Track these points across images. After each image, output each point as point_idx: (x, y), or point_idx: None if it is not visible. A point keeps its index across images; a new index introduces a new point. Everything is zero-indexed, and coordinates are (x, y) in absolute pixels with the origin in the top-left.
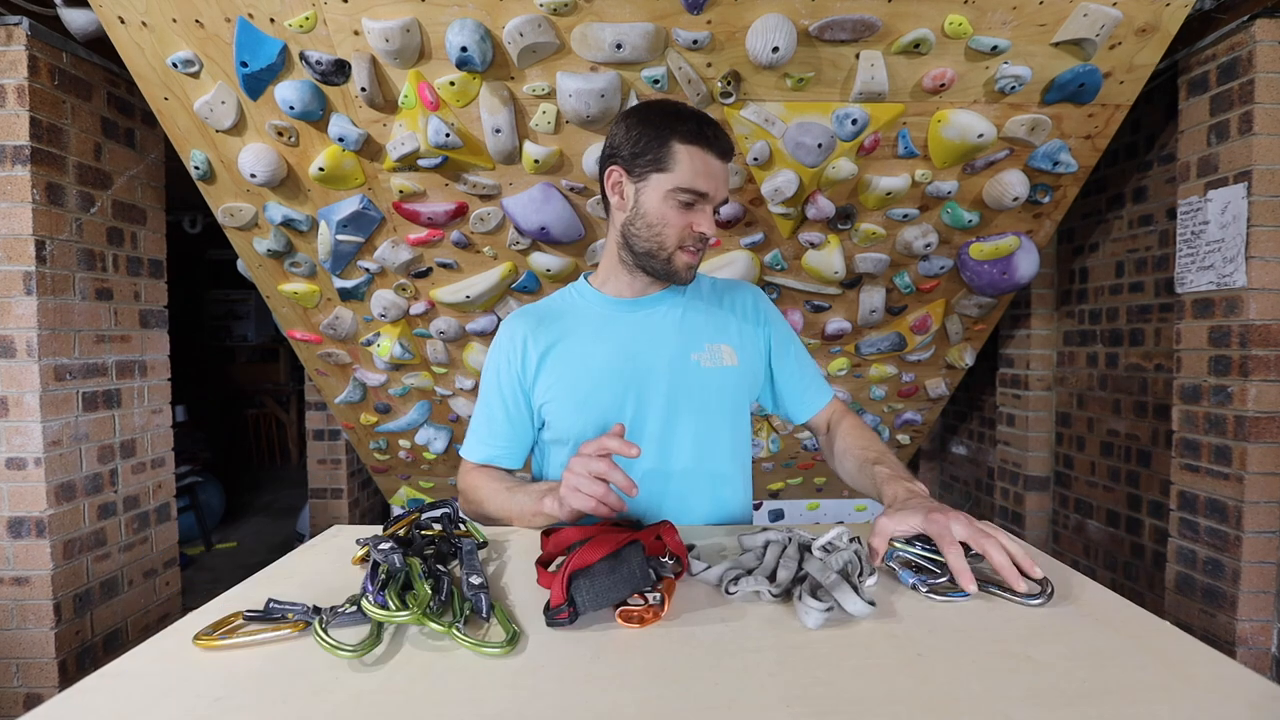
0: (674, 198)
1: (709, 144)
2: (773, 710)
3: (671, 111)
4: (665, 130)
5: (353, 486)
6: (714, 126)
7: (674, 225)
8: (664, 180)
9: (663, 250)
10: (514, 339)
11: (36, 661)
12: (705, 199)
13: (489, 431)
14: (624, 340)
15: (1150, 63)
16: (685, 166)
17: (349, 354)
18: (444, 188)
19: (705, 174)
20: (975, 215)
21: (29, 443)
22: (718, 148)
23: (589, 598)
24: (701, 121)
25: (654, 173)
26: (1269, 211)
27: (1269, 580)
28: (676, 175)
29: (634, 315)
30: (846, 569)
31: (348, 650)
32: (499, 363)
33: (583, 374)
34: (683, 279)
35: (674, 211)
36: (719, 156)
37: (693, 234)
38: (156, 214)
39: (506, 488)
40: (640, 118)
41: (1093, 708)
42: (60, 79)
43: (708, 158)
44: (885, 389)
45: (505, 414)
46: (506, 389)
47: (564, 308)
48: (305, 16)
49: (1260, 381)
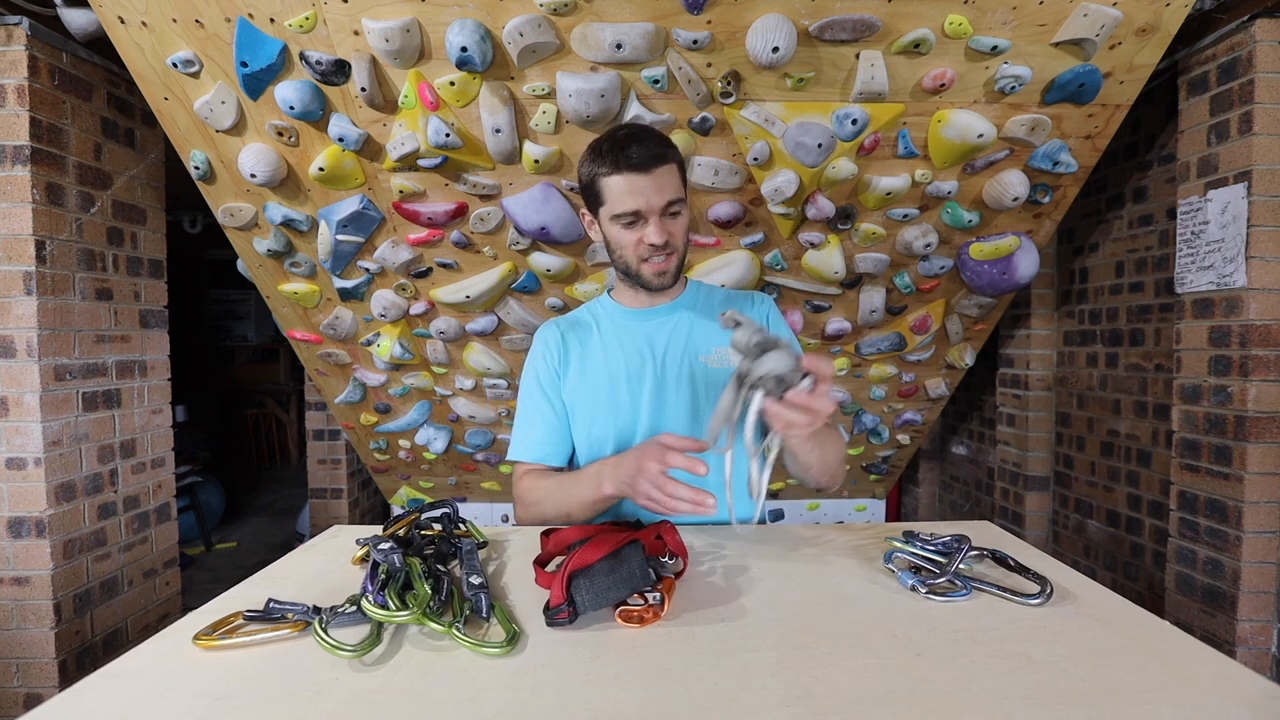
0: (617, 223)
1: (627, 166)
2: (773, 710)
3: (596, 148)
4: (594, 168)
5: (353, 486)
6: (633, 145)
7: (627, 245)
8: (605, 211)
9: (630, 267)
10: (549, 343)
11: (36, 661)
12: (640, 215)
13: (537, 430)
14: (639, 344)
15: (1150, 63)
16: (614, 194)
17: (349, 354)
18: (444, 188)
19: (631, 193)
20: (975, 215)
21: (29, 443)
22: (638, 165)
23: (589, 598)
24: (620, 146)
25: (599, 207)
26: (1269, 211)
27: (1269, 580)
28: (610, 204)
29: (647, 324)
30: None
31: (348, 650)
32: (538, 367)
33: (604, 375)
34: (655, 285)
35: (622, 232)
36: (642, 172)
37: (644, 246)
38: (156, 214)
39: (558, 485)
40: (581, 162)
41: (1093, 708)
42: (60, 79)
43: (631, 178)
44: (885, 389)
45: (552, 411)
46: (549, 389)
47: (589, 319)
48: (305, 16)
49: (1260, 381)
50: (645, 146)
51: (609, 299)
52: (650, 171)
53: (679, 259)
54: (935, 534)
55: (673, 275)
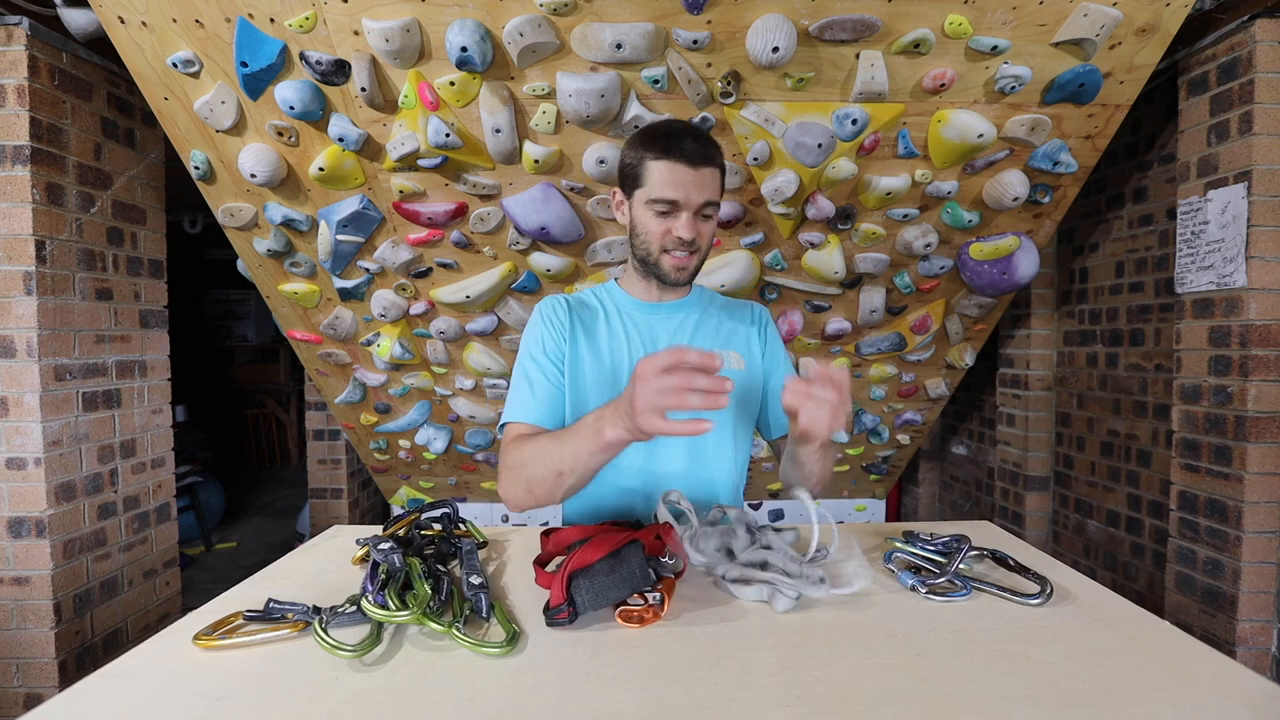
0: (651, 208)
1: (678, 156)
2: (773, 710)
3: (649, 133)
4: (642, 150)
5: (353, 486)
6: (688, 139)
7: (655, 232)
8: (641, 194)
9: (650, 255)
10: (557, 313)
11: (36, 661)
12: (677, 206)
13: (533, 395)
14: (644, 335)
15: (1150, 63)
16: (656, 179)
17: (349, 354)
18: (444, 188)
19: (673, 184)
20: (975, 215)
21: (29, 443)
22: (688, 158)
23: (589, 598)
24: (675, 136)
25: (635, 189)
26: (1269, 211)
27: (1269, 580)
28: (649, 188)
29: (653, 316)
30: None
31: (348, 650)
32: (541, 333)
33: (610, 360)
34: (671, 279)
35: (653, 220)
36: (690, 165)
37: (671, 238)
38: (156, 214)
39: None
40: (629, 143)
41: (1093, 708)
42: (60, 79)
43: (676, 168)
44: (885, 389)
45: (552, 379)
46: (552, 355)
47: (596, 302)
48: (305, 16)
49: (1260, 381)
50: (699, 143)
51: (616, 286)
52: (697, 168)
53: (700, 260)
54: (935, 534)
55: (691, 274)
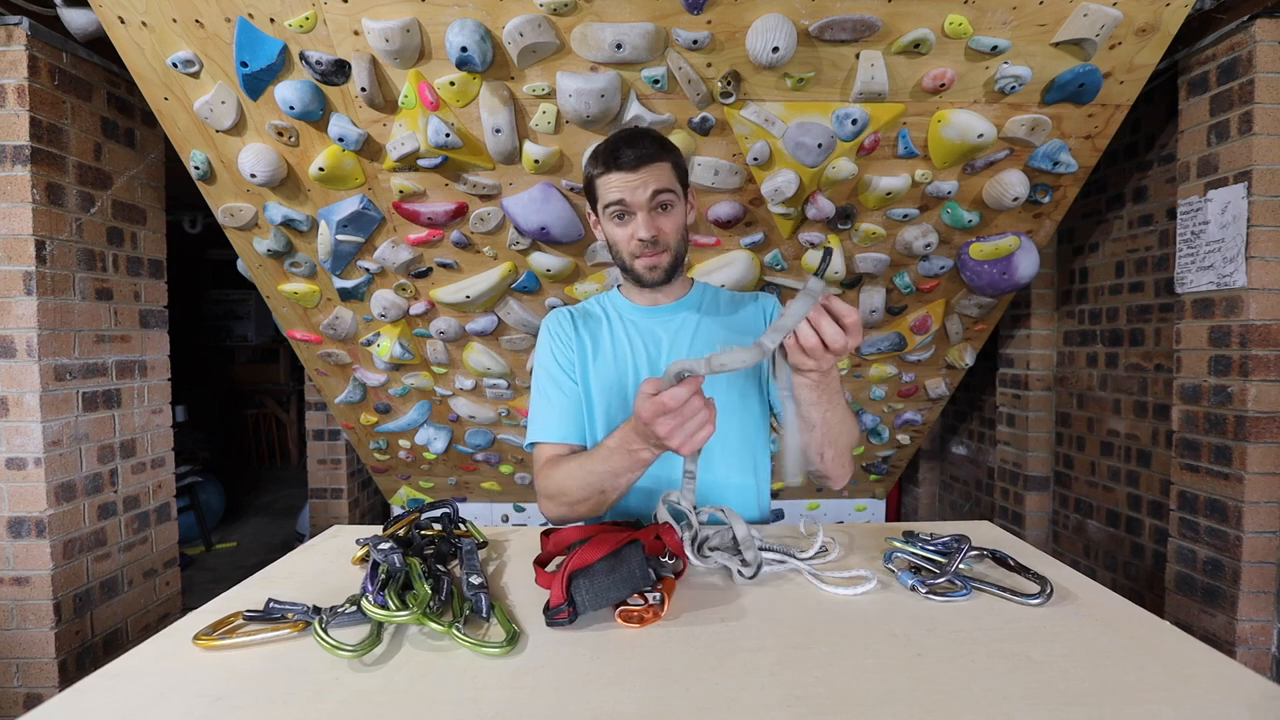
0: (609, 218)
1: (614, 167)
2: (773, 710)
3: (594, 152)
4: (590, 170)
5: (353, 486)
6: (623, 148)
7: (620, 239)
8: (600, 208)
9: (625, 263)
10: (563, 326)
11: (36, 661)
12: (627, 207)
13: (554, 411)
14: (647, 340)
15: (1150, 63)
16: (603, 191)
17: (349, 354)
18: (444, 188)
19: (616, 188)
20: (975, 215)
21: (29, 443)
22: (624, 165)
23: (589, 598)
24: (611, 149)
25: (596, 205)
26: (1269, 211)
27: (1269, 580)
28: (601, 200)
29: (652, 320)
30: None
31: (348, 650)
32: (554, 348)
33: (616, 367)
34: (647, 280)
35: (616, 229)
36: (629, 171)
37: (634, 242)
38: (156, 214)
39: (580, 466)
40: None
41: (1093, 708)
42: (60, 79)
43: (616, 175)
44: (885, 389)
45: (570, 390)
46: (567, 369)
47: (599, 311)
48: (305, 16)
49: (1260, 381)
50: (636, 148)
51: (619, 294)
52: (637, 170)
53: (672, 256)
54: (935, 534)
55: (664, 271)
